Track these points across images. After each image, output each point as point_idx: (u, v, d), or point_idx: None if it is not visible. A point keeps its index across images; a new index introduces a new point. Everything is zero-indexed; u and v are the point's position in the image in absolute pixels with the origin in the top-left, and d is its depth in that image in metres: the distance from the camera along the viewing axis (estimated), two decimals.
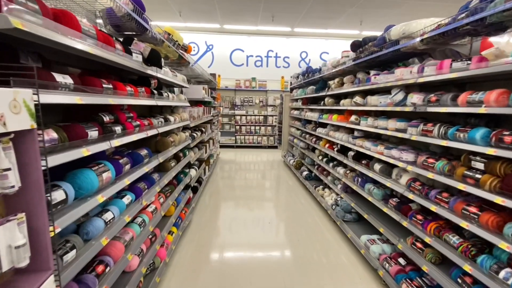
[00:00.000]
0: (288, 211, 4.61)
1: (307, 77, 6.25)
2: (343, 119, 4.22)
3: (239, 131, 10.98)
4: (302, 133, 6.74)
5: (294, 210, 4.61)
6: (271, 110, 11.02)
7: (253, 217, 4.29)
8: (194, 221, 4.04)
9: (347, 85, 4.03)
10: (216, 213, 4.40)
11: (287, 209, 4.72)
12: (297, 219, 4.22)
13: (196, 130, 4.94)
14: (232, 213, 4.44)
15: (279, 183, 6.36)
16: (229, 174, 7.04)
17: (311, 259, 3.12)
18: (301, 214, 4.44)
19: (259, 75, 10.98)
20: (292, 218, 4.28)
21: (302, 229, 3.89)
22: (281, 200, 5.21)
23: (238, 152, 10.19)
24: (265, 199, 5.25)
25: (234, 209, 4.66)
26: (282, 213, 4.52)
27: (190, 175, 4.11)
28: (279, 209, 4.75)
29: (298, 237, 3.65)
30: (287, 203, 5.00)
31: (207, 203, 4.87)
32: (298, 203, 4.96)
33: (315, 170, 5.46)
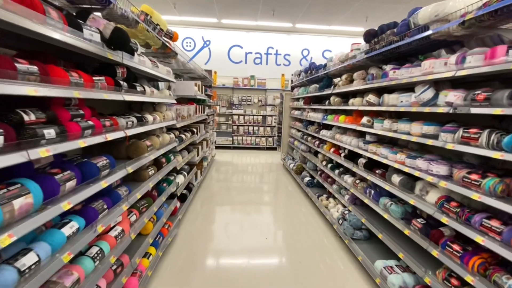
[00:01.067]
0: (288, 224, 4.09)
1: (310, 74, 5.74)
2: (352, 120, 3.71)
3: (237, 132, 10.46)
4: (303, 135, 6.23)
5: (294, 223, 4.09)
6: (270, 110, 10.50)
7: (248, 231, 3.78)
8: (180, 235, 3.52)
9: (357, 82, 3.52)
10: (207, 224, 3.88)
11: (286, 221, 4.20)
12: (298, 235, 3.71)
13: (186, 131, 4.42)
14: (225, 224, 3.92)
15: (278, 189, 5.85)
16: (224, 177, 6.51)
17: (316, 286, 2.61)
18: (302, 228, 3.93)
19: (258, 73, 10.46)
20: (292, 234, 3.76)
21: (304, 247, 3.37)
22: (280, 210, 4.69)
23: (235, 154, 9.67)
24: (262, 208, 4.73)
25: (227, 219, 4.14)
26: (281, 227, 4.01)
27: (177, 182, 3.59)
28: (277, 221, 4.24)
29: (300, 257, 3.14)
30: (287, 213, 4.49)
31: (198, 211, 4.35)
32: (299, 213, 4.45)
33: (318, 177, 4.95)
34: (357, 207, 3.47)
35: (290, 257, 3.16)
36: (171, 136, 3.19)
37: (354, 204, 3.58)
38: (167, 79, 3.12)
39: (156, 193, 2.84)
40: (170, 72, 3.18)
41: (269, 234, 3.74)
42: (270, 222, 4.17)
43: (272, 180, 6.48)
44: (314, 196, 4.69)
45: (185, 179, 4.08)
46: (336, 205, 4.02)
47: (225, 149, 10.36)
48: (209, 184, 5.90)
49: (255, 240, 3.54)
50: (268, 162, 8.37)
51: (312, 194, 4.81)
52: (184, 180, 4.06)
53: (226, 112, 10.36)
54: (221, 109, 10.35)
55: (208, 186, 5.74)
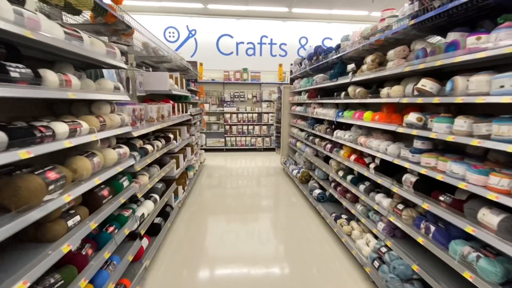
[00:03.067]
0: (298, 259, 3.02)
1: (315, 61, 4.65)
2: (385, 118, 2.65)
3: (229, 132, 9.35)
4: (308, 135, 5.16)
5: (306, 258, 3.03)
6: (266, 107, 9.41)
7: (244, 268, 2.71)
8: (149, 285, 2.44)
9: (394, 63, 2.45)
10: (190, 266, 2.80)
11: (295, 254, 3.14)
12: (313, 278, 2.65)
13: (159, 138, 3.31)
14: (213, 261, 2.85)
15: (279, 203, 4.78)
16: (215, 188, 5.42)
17: None
18: (317, 264, 2.87)
19: (252, 66, 9.34)
20: (304, 275, 2.70)
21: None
22: (284, 236, 3.60)
23: (229, 157, 8.57)
24: (262, 236, 3.65)
25: (215, 251, 3.06)
26: (289, 264, 2.94)
27: (139, 215, 2.49)
28: (284, 255, 3.16)
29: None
30: (294, 240, 3.41)
31: (181, 239, 3.27)
32: (311, 240, 3.38)
33: (332, 189, 3.90)
34: (398, 241, 2.43)
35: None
36: (121, 152, 2.08)
37: (393, 236, 2.54)
38: (106, 63, 1.99)
39: (92, 250, 1.74)
40: (116, 54, 2.06)
41: (271, 276, 2.67)
42: (275, 257, 3.10)
43: (271, 190, 5.41)
44: (329, 216, 3.63)
45: (156, 205, 2.98)
46: (364, 234, 2.97)
47: (216, 152, 9.26)
48: (196, 200, 4.80)
49: (256, 281, 2.48)
50: (266, 166, 7.30)
51: (326, 213, 3.75)
52: (155, 207, 2.96)
53: (217, 110, 9.23)
54: (211, 107, 9.22)
55: (194, 203, 4.64)
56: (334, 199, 4.13)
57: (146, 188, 2.67)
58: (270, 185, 5.71)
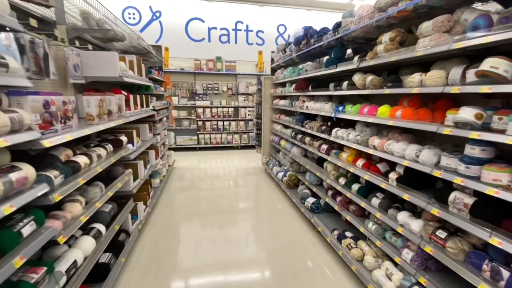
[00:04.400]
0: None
1: (305, 45, 3.93)
2: (411, 115, 2.02)
3: (203, 128, 8.40)
4: (295, 133, 4.48)
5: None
6: (243, 100, 8.59)
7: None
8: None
9: (432, 39, 1.79)
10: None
11: (289, 283, 2.44)
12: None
13: (104, 143, 2.38)
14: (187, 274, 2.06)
15: (262, 210, 4.05)
16: (187, 191, 4.54)
17: None
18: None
19: (226, 54, 8.42)
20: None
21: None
22: (272, 254, 2.89)
23: (202, 157, 7.66)
24: (243, 249, 2.91)
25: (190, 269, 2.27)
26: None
27: (54, 277, 1.60)
28: (271, 283, 2.46)
29: None
30: (285, 263, 2.72)
31: (148, 259, 2.41)
32: (310, 266, 2.72)
33: (328, 198, 3.27)
34: (436, 277, 1.84)
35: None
36: (14, 178, 1.18)
37: (425, 268, 1.95)
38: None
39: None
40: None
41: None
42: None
43: (253, 196, 4.66)
44: (329, 234, 2.99)
45: (100, 240, 2.08)
46: (379, 261, 2.35)
47: (188, 151, 8.28)
48: (163, 216, 3.90)
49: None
50: (245, 167, 6.53)
51: (324, 229, 3.09)
52: (99, 242, 2.07)
53: (188, 104, 8.21)
54: (181, 101, 8.17)
55: (160, 219, 3.74)
56: (330, 209, 3.50)
57: (78, 222, 1.77)
58: (251, 190, 4.96)
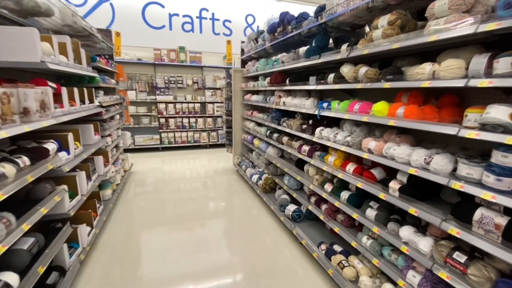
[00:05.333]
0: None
1: (282, 33, 3.48)
2: (417, 113, 1.70)
3: (166, 126, 7.60)
4: (271, 132, 4.06)
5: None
6: (210, 95, 7.94)
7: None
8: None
9: (449, 20, 1.46)
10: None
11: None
12: None
13: (15, 155, 1.69)
14: None
15: (235, 217, 3.57)
16: (148, 203, 3.87)
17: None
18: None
19: (191, 44, 7.68)
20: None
21: None
22: (251, 280, 2.46)
23: (166, 157, 6.90)
24: (212, 270, 2.43)
25: None
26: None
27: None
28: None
29: None
30: (266, 284, 2.32)
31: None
32: (295, 284, 2.34)
33: (312, 206, 2.91)
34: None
35: None
36: None
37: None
38: None
39: None
40: None
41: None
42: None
43: (224, 201, 4.16)
44: (315, 248, 2.62)
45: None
46: (379, 283, 2.03)
47: (150, 152, 7.44)
48: (114, 237, 3.22)
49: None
50: (215, 167, 5.97)
51: (309, 243, 2.72)
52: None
53: (147, 99, 7.33)
54: (139, 95, 7.26)
55: (115, 237, 3.07)
56: (313, 216, 3.16)
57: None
58: (222, 193, 4.45)
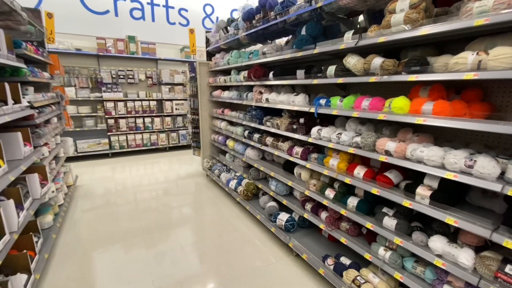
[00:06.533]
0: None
1: (261, 21, 3.07)
2: (448, 109, 1.50)
3: (115, 128, 6.56)
4: (251, 132, 3.66)
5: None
6: (168, 91, 7.12)
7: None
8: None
9: (499, 2, 1.26)
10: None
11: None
12: None
13: None
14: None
15: (214, 229, 3.10)
16: (100, 219, 3.12)
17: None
18: None
19: (142, 34, 6.74)
20: None
21: None
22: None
23: (118, 164, 5.94)
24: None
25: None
26: None
27: None
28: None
29: None
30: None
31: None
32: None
33: (308, 214, 2.62)
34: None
35: None
36: None
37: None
38: None
39: None
40: None
41: None
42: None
43: (193, 208, 3.63)
44: (319, 263, 2.34)
45: None
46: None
47: (97, 159, 6.34)
48: (68, 271, 2.46)
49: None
50: (177, 173, 5.30)
51: (313, 258, 2.42)
52: None
53: (91, 97, 6.20)
54: (79, 93, 6.09)
55: (65, 276, 2.32)
56: (307, 224, 2.89)
57: None
58: (190, 202, 3.89)
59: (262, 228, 3.23)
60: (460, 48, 1.80)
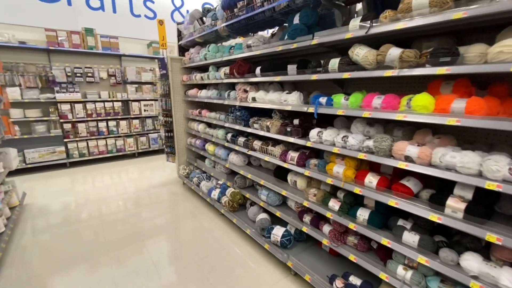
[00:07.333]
0: None
1: (245, 9, 2.68)
2: (485, 106, 1.27)
3: (74, 134, 5.74)
4: (234, 135, 3.27)
5: None
6: (135, 91, 6.42)
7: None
8: None
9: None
10: None
11: None
12: None
13: None
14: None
15: (195, 249, 2.70)
16: (59, 239, 2.53)
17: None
18: None
19: (101, 27, 5.97)
20: None
21: None
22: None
23: (78, 175, 5.17)
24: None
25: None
26: None
27: None
28: None
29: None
30: None
31: None
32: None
33: (307, 228, 2.32)
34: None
35: None
36: None
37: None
38: None
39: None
40: None
41: None
42: None
43: (168, 221, 3.17)
44: (324, 284, 2.04)
45: None
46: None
47: (53, 170, 5.49)
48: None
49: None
50: (149, 181, 4.73)
51: (315, 277, 2.12)
52: None
53: (40, 98, 5.32)
54: (26, 93, 5.19)
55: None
56: (304, 237, 2.59)
57: None
58: (164, 213, 3.41)
59: (253, 244, 2.87)
60: (482, 38, 1.60)
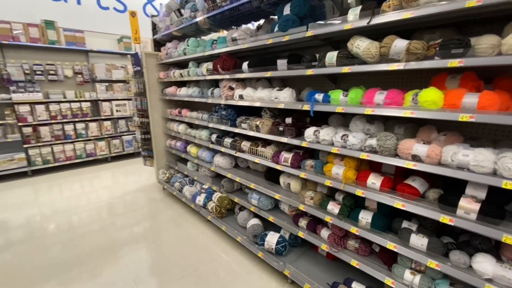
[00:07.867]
0: None
1: (227, 0, 2.48)
2: (498, 100, 1.20)
3: (36, 138, 5.15)
4: (219, 136, 3.05)
5: None
6: (105, 91, 5.92)
7: None
8: None
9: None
10: None
11: None
12: None
13: None
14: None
15: (181, 263, 2.47)
16: (16, 270, 2.20)
17: None
18: None
19: (64, 19, 5.41)
20: None
21: None
22: None
23: (42, 185, 4.64)
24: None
25: None
26: None
27: None
28: None
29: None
30: None
31: None
32: None
33: (304, 232, 2.19)
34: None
35: None
36: None
37: None
38: None
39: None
40: None
41: None
42: None
43: (148, 229, 2.90)
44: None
45: None
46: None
47: (12, 180, 4.89)
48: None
49: None
50: (124, 188, 4.35)
51: (315, 284, 1.99)
52: None
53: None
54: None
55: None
56: (299, 241, 2.46)
57: None
58: (150, 224, 3.12)
59: (244, 252, 2.69)
60: (483, 31, 1.54)
